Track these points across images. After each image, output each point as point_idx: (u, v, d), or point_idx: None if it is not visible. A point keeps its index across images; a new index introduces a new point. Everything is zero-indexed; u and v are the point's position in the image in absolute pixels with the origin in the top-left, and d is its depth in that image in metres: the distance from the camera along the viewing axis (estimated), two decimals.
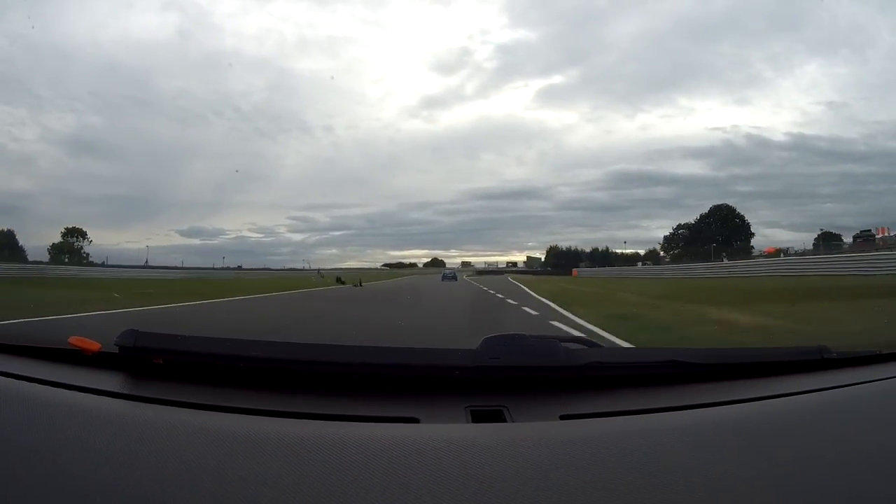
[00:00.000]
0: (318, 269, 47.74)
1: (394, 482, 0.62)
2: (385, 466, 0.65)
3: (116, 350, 1.00)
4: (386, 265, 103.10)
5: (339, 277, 30.19)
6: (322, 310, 11.34)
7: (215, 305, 11.79)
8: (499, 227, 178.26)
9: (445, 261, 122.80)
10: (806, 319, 7.43)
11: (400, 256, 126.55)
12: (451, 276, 45.64)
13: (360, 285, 23.54)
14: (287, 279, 38.38)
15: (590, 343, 1.18)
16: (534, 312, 9.74)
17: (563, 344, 1.05)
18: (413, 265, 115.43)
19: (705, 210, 64.45)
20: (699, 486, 0.63)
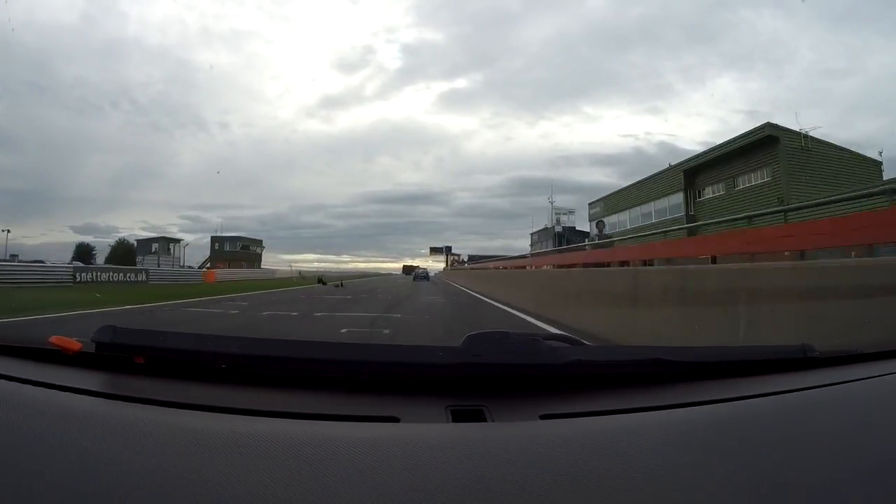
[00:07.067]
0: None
1: (372, 482, 0.61)
2: (363, 466, 0.64)
3: (94, 348, 0.98)
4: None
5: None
6: None
7: None
8: (392, 233, 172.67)
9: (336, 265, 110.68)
10: None
11: (292, 260, 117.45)
12: (424, 275, 47.72)
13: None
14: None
15: (574, 341, 1.19)
16: None
17: (548, 342, 1.05)
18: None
19: None
20: (679, 486, 0.63)
